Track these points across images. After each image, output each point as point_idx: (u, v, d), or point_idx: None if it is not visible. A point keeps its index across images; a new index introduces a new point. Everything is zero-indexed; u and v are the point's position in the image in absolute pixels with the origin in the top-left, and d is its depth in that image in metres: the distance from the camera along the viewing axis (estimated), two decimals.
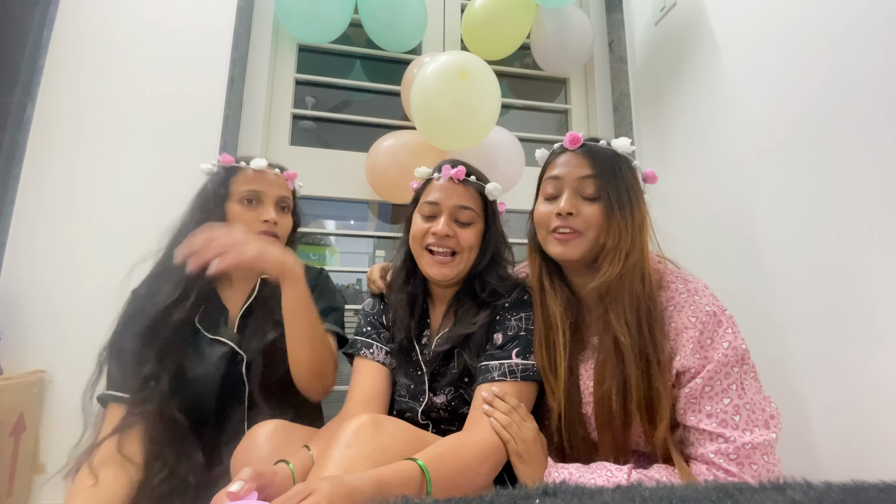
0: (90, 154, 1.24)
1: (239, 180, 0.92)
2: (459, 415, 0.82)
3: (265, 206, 0.92)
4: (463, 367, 0.82)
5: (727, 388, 0.63)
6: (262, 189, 0.92)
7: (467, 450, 0.66)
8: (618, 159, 0.75)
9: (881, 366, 0.81)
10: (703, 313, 0.67)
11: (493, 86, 1.22)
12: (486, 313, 0.83)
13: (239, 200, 0.91)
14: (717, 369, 0.64)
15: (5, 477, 1.00)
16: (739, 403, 0.62)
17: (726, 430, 0.61)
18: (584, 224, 0.74)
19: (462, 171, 0.85)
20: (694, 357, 0.66)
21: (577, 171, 0.75)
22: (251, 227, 0.89)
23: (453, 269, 0.84)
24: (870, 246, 0.84)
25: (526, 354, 0.78)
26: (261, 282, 0.94)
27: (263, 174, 0.93)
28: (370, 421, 0.64)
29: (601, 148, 0.76)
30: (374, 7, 1.42)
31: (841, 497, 0.38)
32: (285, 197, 0.96)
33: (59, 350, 1.14)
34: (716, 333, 0.66)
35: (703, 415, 0.64)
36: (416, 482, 0.57)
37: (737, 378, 0.64)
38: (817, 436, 0.90)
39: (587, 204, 0.74)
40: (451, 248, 0.83)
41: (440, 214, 0.84)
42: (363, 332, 0.90)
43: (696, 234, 1.27)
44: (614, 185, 0.73)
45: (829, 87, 0.93)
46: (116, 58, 1.30)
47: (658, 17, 1.51)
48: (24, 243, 1.16)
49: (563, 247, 0.76)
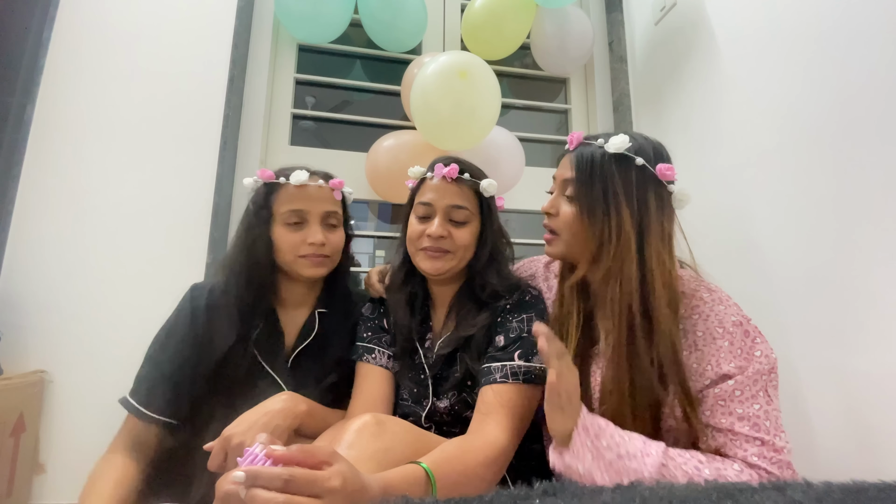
0: (90, 154, 1.24)
1: (281, 199, 0.84)
2: (463, 418, 0.82)
3: (311, 227, 0.84)
4: (465, 370, 0.82)
5: (756, 395, 0.63)
6: (305, 207, 0.84)
7: (473, 455, 0.65)
8: (604, 160, 0.71)
9: (881, 366, 0.81)
10: (731, 323, 0.66)
11: (493, 86, 1.22)
12: (486, 315, 0.83)
13: (283, 223, 0.83)
14: (751, 376, 0.64)
15: (5, 477, 1.00)
16: (768, 409, 0.62)
17: (760, 433, 0.61)
18: (560, 225, 0.75)
19: (455, 170, 0.83)
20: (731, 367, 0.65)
21: (564, 173, 0.76)
22: (298, 250, 0.83)
23: (446, 263, 0.83)
24: (870, 246, 0.84)
25: (529, 356, 0.77)
26: (319, 315, 0.90)
27: (305, 189, 0.84)
28: (373, 421, 0.64)
29: (588, 150, 0.74)
30: (374, 7, 1.41)
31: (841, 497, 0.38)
32: (333, 212, 0.88)
33: (59, 350, 1.14)
34: (745, 343, 0.65)
35: (734, 417, 0.63)
36: (422, 487, 0.56)
37: (764, 385, 0.64)
38: (817, 436, 0.90)
39: (566, 204, 0.75)
40: (446, 248, 0.83)
41: (434, 215, 0.83)
42: (364, 338, 0.89)
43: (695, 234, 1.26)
44: (588, 189, 0.71)
45: (829, 86, 0.93)
46: (116, 58, 1.30)
47: (658, 17, 1.51)
48: (24, 243, 1.16)
49: (547, 246, 0.79)
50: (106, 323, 1.17)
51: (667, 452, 0.60)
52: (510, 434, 0.70)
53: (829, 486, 0.40)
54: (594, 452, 0.60)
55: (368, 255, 1.73)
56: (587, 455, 0.60)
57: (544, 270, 0.95)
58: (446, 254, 0.83)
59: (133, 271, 1.20)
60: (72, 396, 1.13)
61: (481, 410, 0.73)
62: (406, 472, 0.56)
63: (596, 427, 0.62)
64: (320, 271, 0.87)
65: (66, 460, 1.10)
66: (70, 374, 1.13)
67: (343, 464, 0.48)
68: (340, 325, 0.92)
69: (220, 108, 1.33)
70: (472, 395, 0.81)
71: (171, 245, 1.23)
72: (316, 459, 0.46)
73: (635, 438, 0.62)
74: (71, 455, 1.10)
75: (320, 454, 0.47)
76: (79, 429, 1.10)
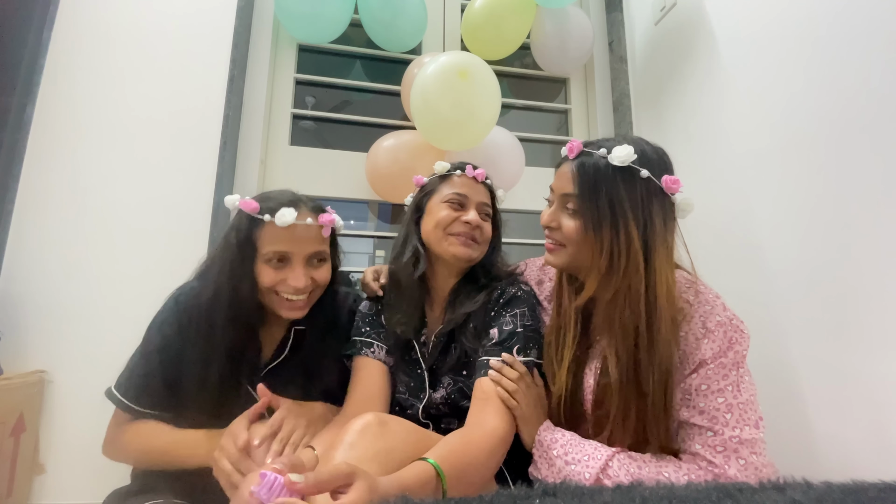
0: (90, 154, 1.24)
1: (265, 238, 0.79)
2: (460, 408, 0.83)
3: (294, 269, 0.80)
4: (460, 355, 0.84)
5: (723, 389, 0.64)
6: (290, 249, 0.79)
7: (475, 445, 0.67)
8: (608, 174, 0.69)
9: (881, 366, 0.81)
10: (714, 324, 0.66)
11: (493, 86, 1.22)
12: (484, 294, 0.87)
13: (266, 261, 0.79)
14: (716, 370, 0.64)
15: (5, 477, 1.00)
16: (733, 402, 0.63)
17: (716, 425, 0.62)
18: (563, 238, 0.74)
19: (484, 173, 0.93)
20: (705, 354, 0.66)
21: (564, 186, 0.73)
22: (281, 289, 0.80)
23: (477, 251, 0.88)
24: (870, 246, 0.84)
25: (526, 350, 0.79)
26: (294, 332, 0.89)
27: (293, 230, 0.79)
28: (375, 421, 0.64)
29: (592, 162, 0.70)
30: (374, 7, 1.41)
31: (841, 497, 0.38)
32: (319, 252, 0.83)
33: (59, 350, 1.14)
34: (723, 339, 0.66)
35: (695, 411, 0.65)
36: (433, 482, 0.58)
37: (734, 380, 0.64)
38: (817, 436, 0.90)
39: (568, 218, 0.73)
40: (478, 238, 0.88)
41: (469, 206, 0.89)
42: (362, 333, 0.91)
43: (695, 234, 1.26)
44: (593, 204, 0.69)
45: (829, 86, 0.93)
46: (116, 58, 1.30)
47: (658, 17, 1.51)
48: (24, 243, 1.16)
49: (549, 254, 0.79)
50: (106, 323, 1.17)
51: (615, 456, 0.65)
52: (508, 422, 0.73)
53: (829, 486, 0.40)
54: (548, 462, 0.69)
55: (368, 255, 1.73)
56: (543, 464, 0.70)
57: (538, 272, 0.95)
58: (477, 244, 0.88)
59: (133, 271, 1.20)
60: (72, 396, 1.12)
61: (479, 399, 0.75)
62: (417, 470, 0.58)
63: (549, 439, 0.71)
64: (298, 314, 0.83)
65: (66, 460, 1.10)
66: (70, 374, 1.13)
67: (361, 480, 0.48)
68: (320, 342, 0.90)
69: (220, 107, 1.33)
70: (468, 383, 0.83)
71: (170, 245, 1.23)
72: (335, 485, 0.47)
73: (586, 446, 0.68)
74: (71, 455, 1.10)
75: (338, 478, 0.48)
76: (79, 429, 1.10)
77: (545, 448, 0.70)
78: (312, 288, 0.83)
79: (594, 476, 0.63)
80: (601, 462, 0.64)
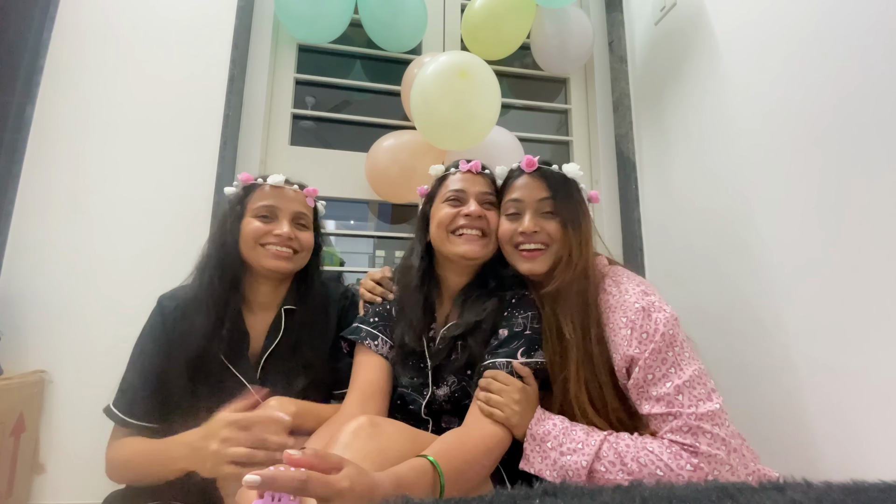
0: (90, 154, 1.24)
1: (255, 197, 0.90)
2: (462, 406, 0.84)
3: (279, 221, 0.89)
4: (467, 356, 0.84)
5: (667, 374, 0.69)
6: (277, 204, 0.89)
7: (473, 443, 0.69)
8: (568, 182, 0.86)
9: (881, 366, 0.81)
10: (633, 311, 0.72)
11: (493, 86, 1.22)
12: (494, 301, 0.86)
13: (254, 216, 0.88)
14: (653, 357, 0.69)
15: (5, 477, 1.00)
16: (680, 384, 0.67)
17: (673, 408, 0.66)
18: (547, 238, 0.83)
19: (478, 164, 0.92)
20: (634, 350, 0.70)
21: (536, 194, 0.84)
22: (261, 239, 0.87)
23: (484, 248, 0.87)
24: (870, 247, 0.84)
25: (530, 353, 0.80)
26: (285, 312, 0.91)
27: (281, 190, 0.91)
28: (368, 423, 0.65)
29: (554, 172, 0.86)
30: (374, 7, 1.41)
31: (841, 497, 0.38)
32: (303, 213, 0.92)
33: (59, 350, 1.14)
34: (647, 325, 0.71)
35: (654, 401, 0.68)
36: (429, 476, 0.59)
37: (673, 361, 0.69)
38: (817, 436, 0.90)
39: (547, 221, 0.83)
40: (482, 228, 0.87)
41: (468, 199, 0.88)
42: (370, 322, 0.91)
43: (695, 234, 1.26)
44: (568, 205, 0.83)
45: (829, 87, 0.93)
46: (116, 58, 1.30)
47: (658, 17, 1.51)
48: (24, 243, 1.16)
49: (531, 263, 0.83)
50: (106, 323, 1.17)
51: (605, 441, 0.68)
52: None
53: (829, 486, 0.40)
54: (542, 455, 0.71)
55: (368, 255, 1.73)
56: (536, 458, 0.72)
57: None
58: (483, 237, 0.87)
59: (133, 271, 1.20)
60: (72, 396, 1.13)
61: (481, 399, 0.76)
62: (413, 464, 0.59)
63: (542, 433, 0.72)
64: (282, 264, 0.87)
65: (66, 460, 1.10)
66: (70, 374, 1.13)
67: (351, 468, 0.50)
68: (312, 324, 0.92)
69: (220, 107, 1.33)
70: (472, 383, 0.83)
71: (171, 245, 1.23)
72: (328, 465, 0.49)
73: (578, 432, 0.71)
74: (71, 455, 1.10)
75: (332, 460, 0.50)
76: (79, 429, 1.10)
77: (538, 442, 0.73)
78: (297, 248, 0.89)
79: (589, 464, 0.66)
80: (594, 448, 0.67)
